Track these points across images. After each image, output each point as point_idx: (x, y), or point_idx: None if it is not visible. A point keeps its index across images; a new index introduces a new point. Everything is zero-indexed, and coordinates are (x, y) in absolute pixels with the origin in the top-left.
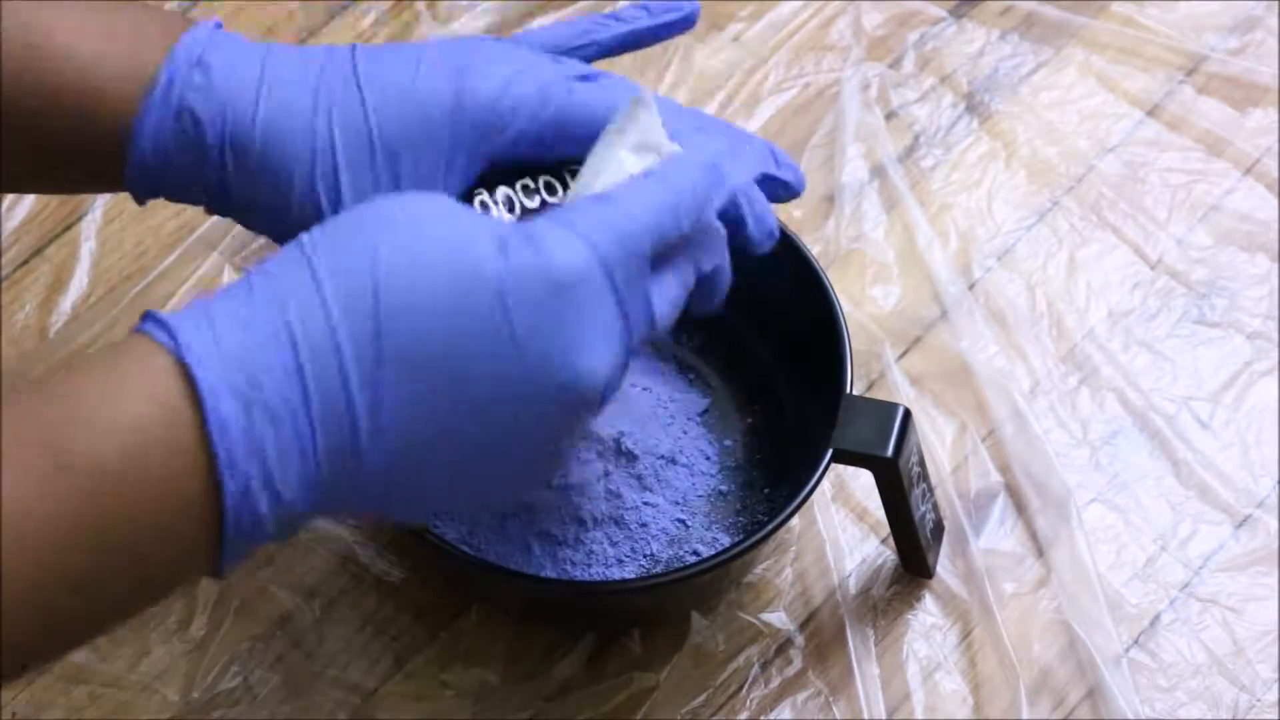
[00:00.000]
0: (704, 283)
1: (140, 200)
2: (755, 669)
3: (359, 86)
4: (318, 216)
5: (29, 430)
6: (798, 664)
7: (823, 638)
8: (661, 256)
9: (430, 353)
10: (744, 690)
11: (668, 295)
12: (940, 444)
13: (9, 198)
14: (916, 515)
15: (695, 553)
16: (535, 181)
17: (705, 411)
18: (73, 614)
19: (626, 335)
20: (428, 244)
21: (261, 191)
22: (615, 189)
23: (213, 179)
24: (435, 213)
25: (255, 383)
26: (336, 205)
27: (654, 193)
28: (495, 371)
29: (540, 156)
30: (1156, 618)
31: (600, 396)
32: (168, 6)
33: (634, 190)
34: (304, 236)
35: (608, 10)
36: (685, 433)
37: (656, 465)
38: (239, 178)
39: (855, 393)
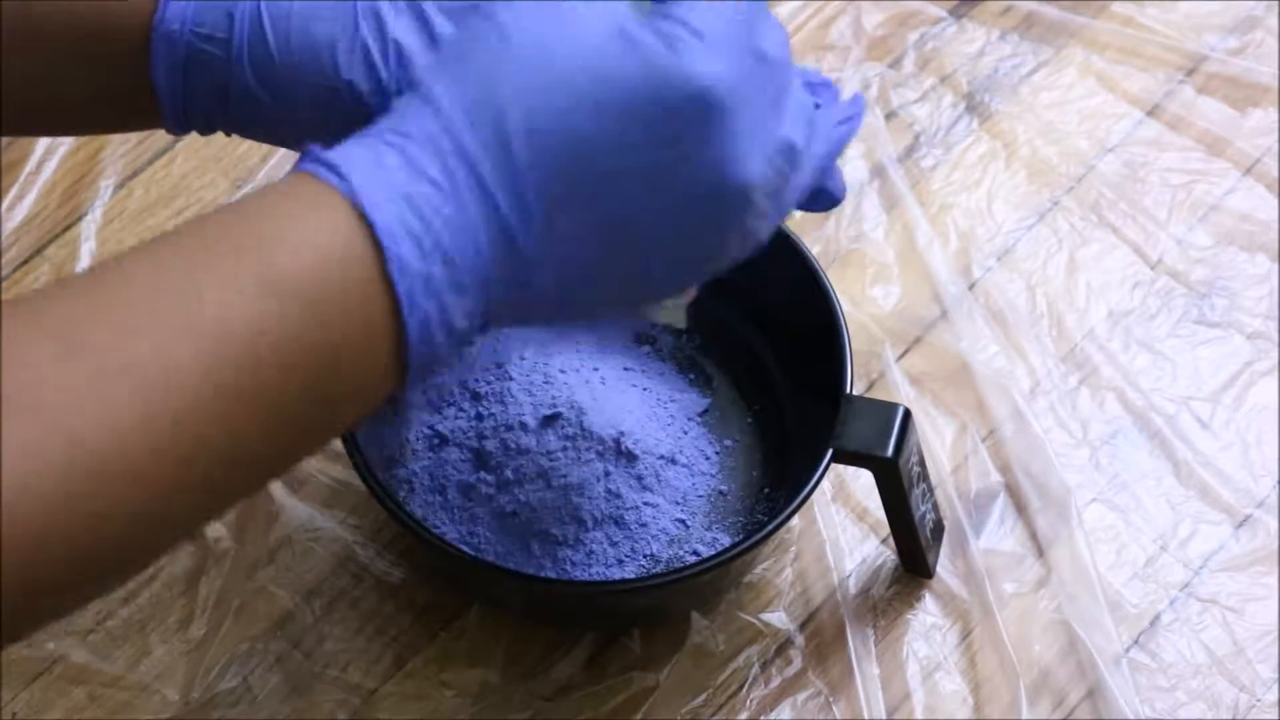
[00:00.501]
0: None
1: (170, 127)
2: (755, 669)
3: None
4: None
5: (228, 249)
6: (798, 664)
7: (823, 638)
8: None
9: (579, 169)
10: (744, 690)
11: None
12: (940, 444)
13: (9, 197)
14: (916, 515)
15: (695, 553)
16: None
17: (705, 411)
18: (267, 437)
19: (775, 123)
20: (560, 51)
21: (301, 67)
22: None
23: (244, 35)
24: (561, 18)
25: (427, 223)
26: (377, 79)
27: None
28: (650, 183)
29: None
30: (1156, 618)
31: (759, 199)
32: None
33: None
34: (436, 60)
35: None
36: (685, 433)
37: (656, 465)
38: (279, 51)
39: (855, 393)
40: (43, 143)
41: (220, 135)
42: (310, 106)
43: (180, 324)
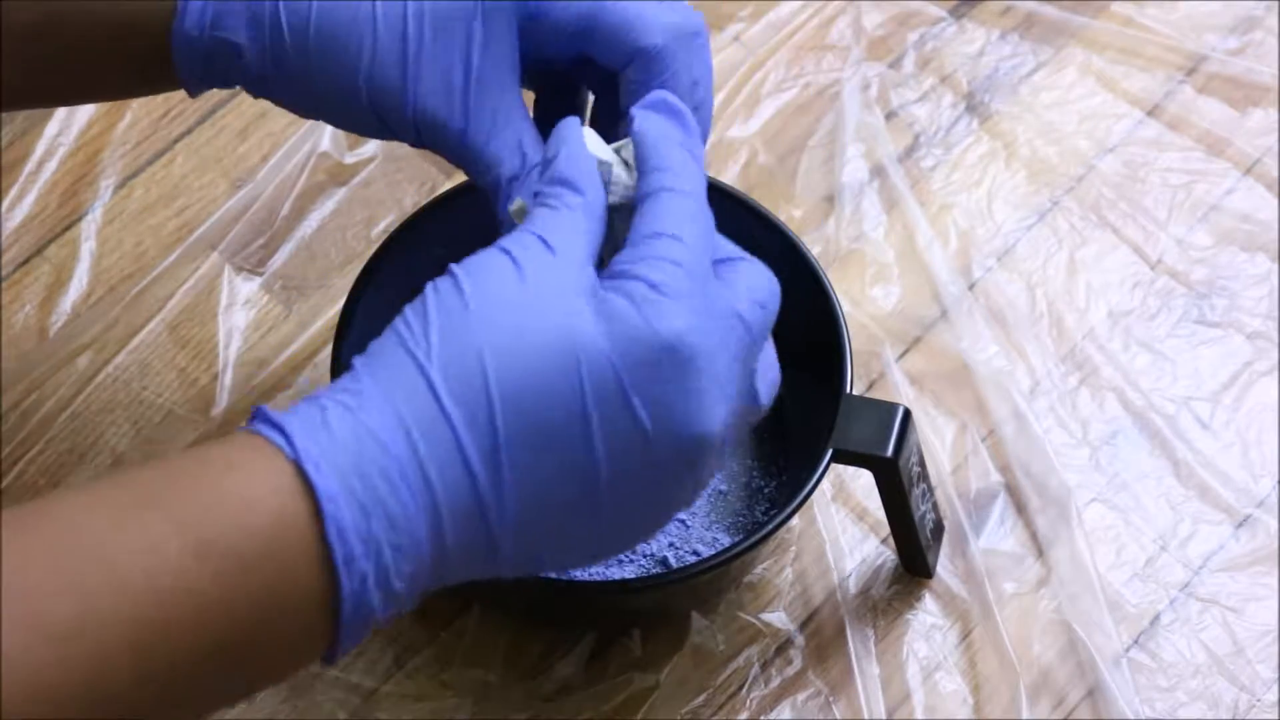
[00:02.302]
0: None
1: (189, 86)
2: (755, 669)
3: None
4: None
5: (159, 510)
6: (798, 664)
7: (823, 638)
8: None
9: (546, 433)
10: (744, 690)
11: (755, 287)
12: (940, 444)
13: (9, 198)
14: (916, 515)
15: (695, 553)
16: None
17: None
18: (191, 696)
19: (736, 392)
20: (524, 323)
21: (319, 64)
22: (661, 216)
23: (267, 48)
24: (522, 288)
25: (370, 485)
26: (401, 76)
27: (687, 197)
28: (615, 444)
29: (565, 52)
30: (1156, 618)
31: (719, 448)
32: None
33: (675, 210)
34: (400, 325)
35: None
36: None
37: None
38: (295, 52)
39: (855, 393)
40: (43, 143)
41: (221, 135)
42: (332, 95)
43: (103, 583)
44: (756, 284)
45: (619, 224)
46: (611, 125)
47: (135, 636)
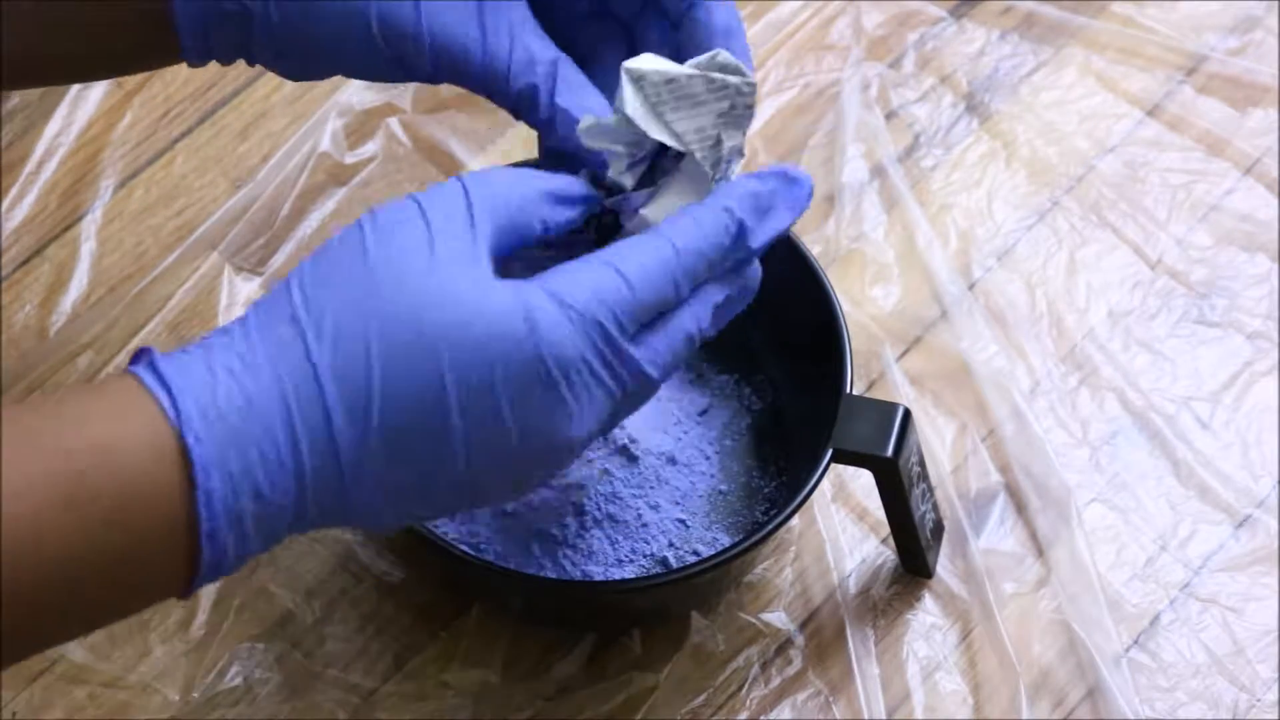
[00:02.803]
0: (716, 311)
1: (190, 56)
2: (755, 669)
3: None
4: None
5: (35, 454)
6: (798, 664)
7: (823, 638)
8: (664, 311)
9: (418, 421)
10: (744, 690)
11: (664, 353)
12: (940, 444)
13: (9, 197)
14: (916, 515)
15: (695, 553)
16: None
17: (705, 411)
18: (46, 623)
19: (614, 403)
20: (422, 319)
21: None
22: (621, 250)
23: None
24: (426, 286)
25: (247, 464)
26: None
27: (660, 262)
28: (479, 437)
29: None
30: (1156, 618)
31: (581, 452)
32: None
33: (639, 257)
34: (294, 282)
35: None
36: (685, 433)
37: (656, 465)
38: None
39: (855, 393)
40: (43, 143)
41: (221, 135)
42: (342, 37)
43: None
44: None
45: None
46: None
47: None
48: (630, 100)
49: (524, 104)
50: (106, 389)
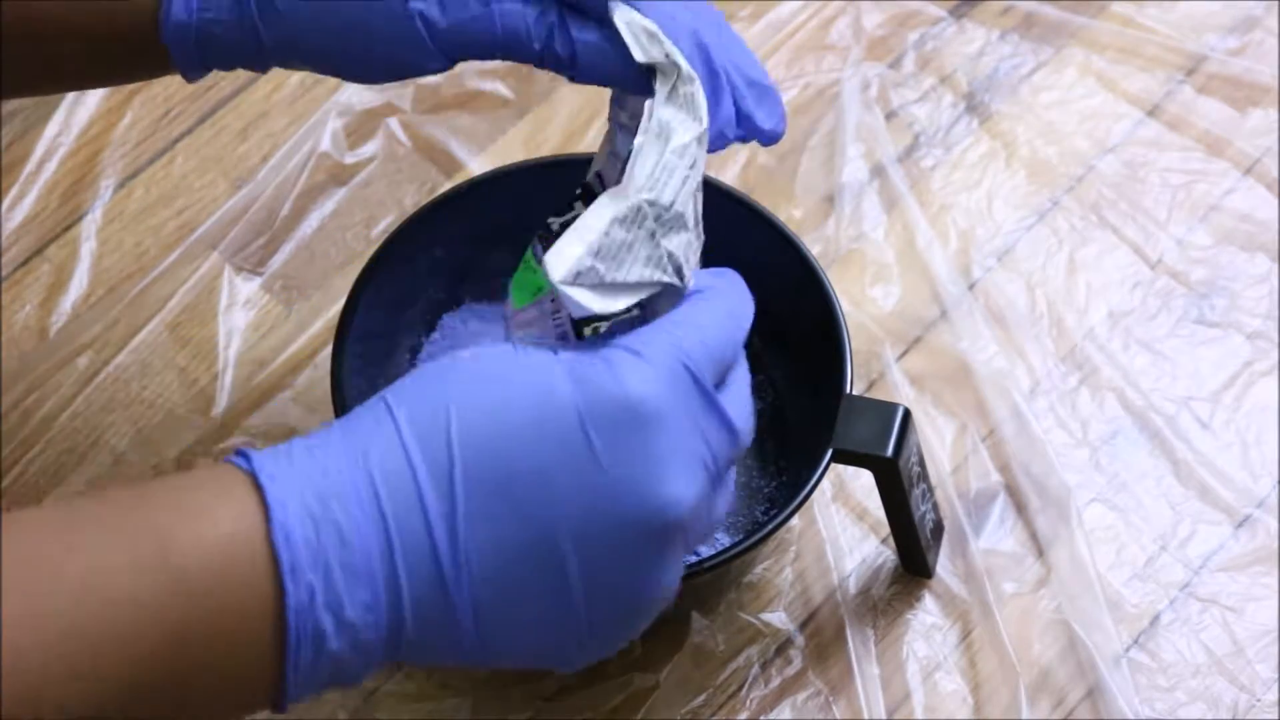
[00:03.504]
0: None
1: (185, 72)
2: (755, 669)
3: None
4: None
5: (132, 523)
6: (798, 664)
7: (823, 638)
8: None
9: (511, 481)
10: (744, 690)
11: (742, 407)
12: (940, 444)
13: (9, 198)
14: (916, 515)
15: (695, 553)
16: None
17: None
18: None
19: (710, 457)
20: (501, 376)
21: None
22: (679, 312)
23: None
24: (504, 353)
25: (325, 502)
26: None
27: (715, 309)
28: (580, 500)
29: None
30: (1156, 618)
31: (688, 524)
32: None
33: (696, 310)
34: (386, 392)
35: None
36: None
37: None
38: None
39: (855, 393)
40: (43, 143)
41: (221, 135)
42: (349, 34)
43: (50, 598)
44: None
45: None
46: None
47: (74, 648)
48: (582, 296)
49: (562, 65)
50: (189, 471)
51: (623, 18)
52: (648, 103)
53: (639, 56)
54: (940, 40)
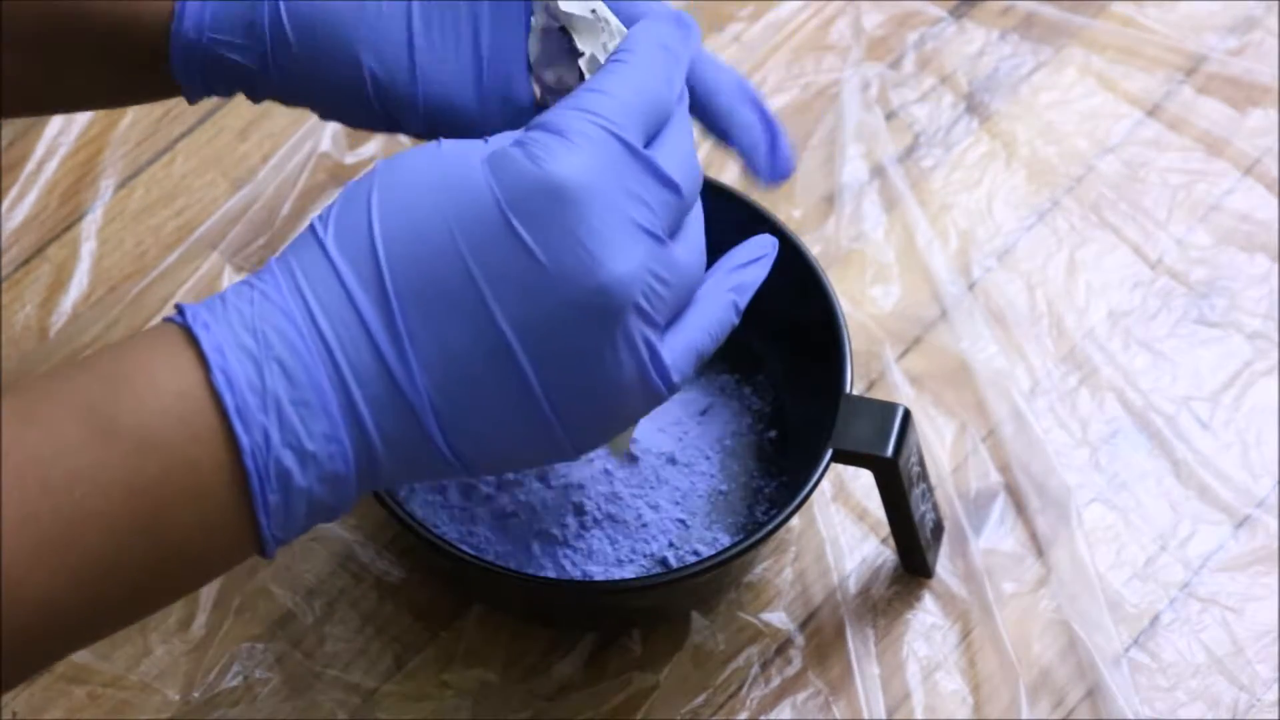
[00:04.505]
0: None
1: (189, 93)
2: (755, 669)
3: None
4: (386, 76)
5: (70, 399)
6: (798, 664)
7: (823, 638)
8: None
9: (445, 282)
10: (744, 690)
11: (682, 159)
12: (940, 444)
13: (9, 198)
14: (916, 515)
15: (695, 553)
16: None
17: (705, 411)
18: (118, 592)
19: (650, 218)
20: (418, 178)
21: (322, 50)
22: (598, 78)
23: (265, 38)
24: (426, 152)
25: (264, 340)
26: (409, 68)
27: (637, 64)
28: (517, 292)
29: None
30: (1156, 618)
31: (638, 292)
32: None
33: (616, 71)
34: (316, 216)
35: None
36: (685, 433)
37: (656, 465)
38: (297, 37)
39: (855, 393)
40: (43, 143)
41: (221, 135)
42: (338, 91)
43: (12, 481)
44: (684, 151)
45: None
46: None
47: (47, 530)
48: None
49: None
50: (132, 336)
51: None
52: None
53: (566, 6)
54: (940, 40)
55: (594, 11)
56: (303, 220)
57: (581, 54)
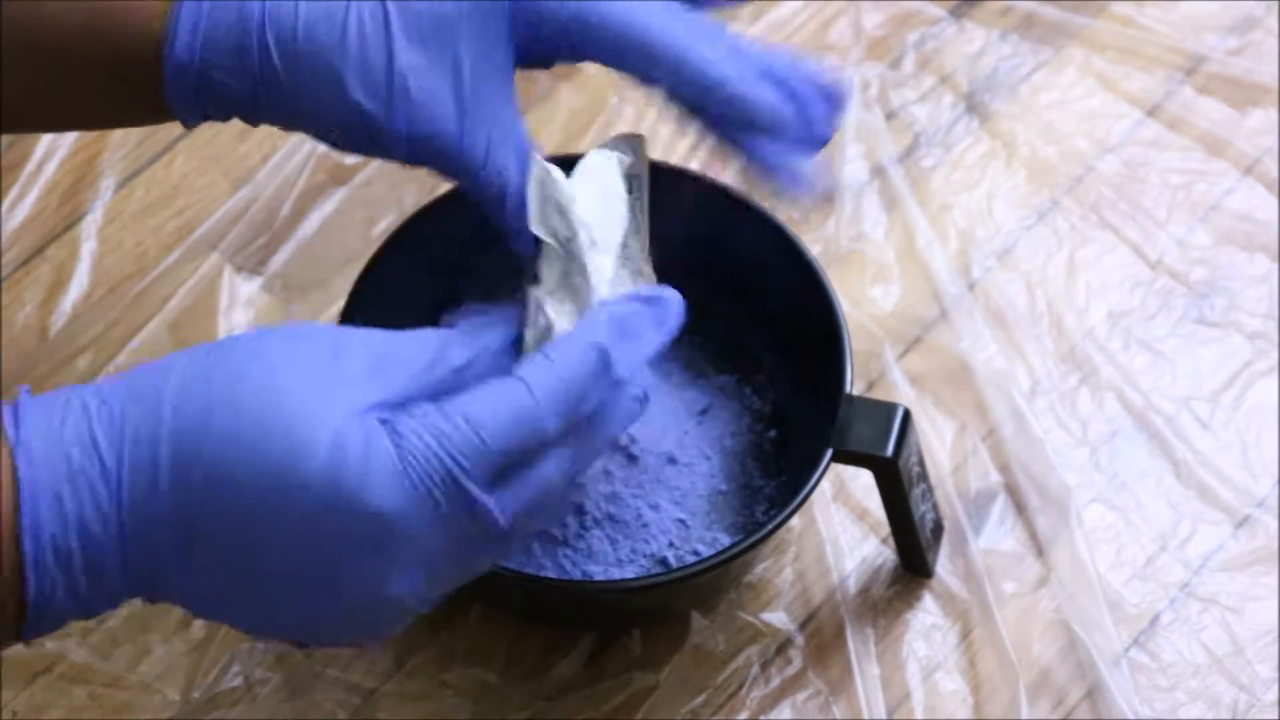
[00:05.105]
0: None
1: (183, 117)
2: (755, 669)
3: None
4: (375, 103)
5: None
6: (798, 664)
7: (823, 638)
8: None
9: (238, 542)
10: (744, 690)
11: (529, 496)
12: (940, 444)
13: (9, 198)
14: (916, 515)
15: (695, 553)
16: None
17: (705, 411)
18: None
19: (458, 558)
20: (256, 438)
21: (306, 81)
22: (480, 397)
23: (255, 67)
24: (284, 389)
25: (79, 497)
26: (389, 98)
27: (516, 407)
28: (298, 573)
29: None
30: (1156, 618)
31: (422, 609)
32: None
33: (495, 402)
34: (163, 363)
35: None
36: (685, 433)
37: (656, 465)
38: (284, 66)
39: (855, 393)
40: (43, 143)
41: (221, 135)
42: (325, 117)
43: None
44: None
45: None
46: None
47: None
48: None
49: (495, 207)
50: None
51: (538, 175)
52: (531, 293)
53: (535, 227)
54: (940, 40)
55: (568, 242)
56: (303, 220)
57: (537, 282)
